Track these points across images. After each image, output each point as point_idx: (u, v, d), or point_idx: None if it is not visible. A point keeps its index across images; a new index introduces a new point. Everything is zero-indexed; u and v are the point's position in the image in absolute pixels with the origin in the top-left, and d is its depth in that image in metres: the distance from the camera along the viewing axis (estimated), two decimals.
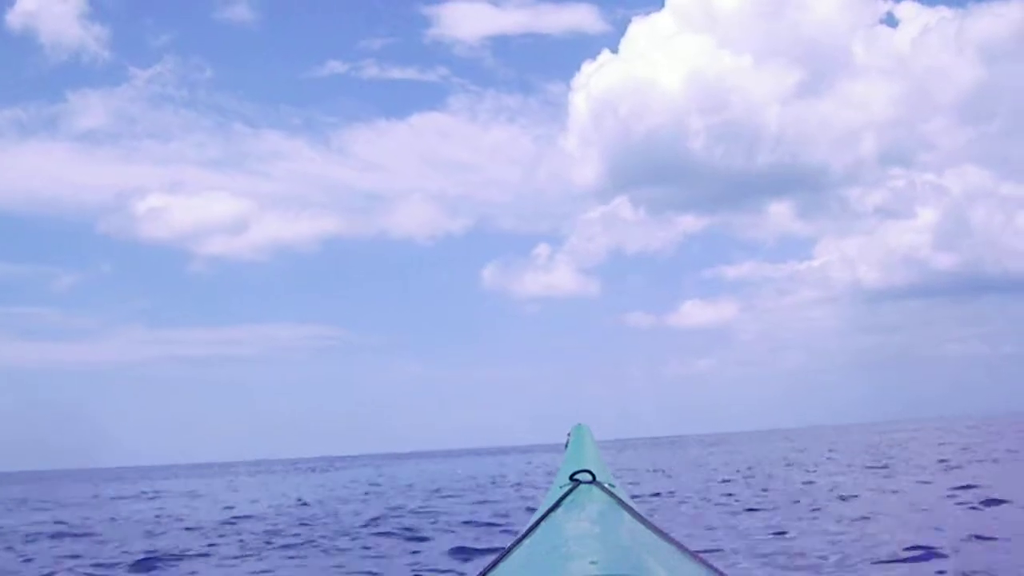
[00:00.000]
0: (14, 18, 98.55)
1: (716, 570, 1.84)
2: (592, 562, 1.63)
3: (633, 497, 2.68)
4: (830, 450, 24.59)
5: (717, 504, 9.59)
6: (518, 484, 16.66)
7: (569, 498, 2.44)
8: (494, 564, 1.94)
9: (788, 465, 17.74)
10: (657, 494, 11.39)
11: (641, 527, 2.10)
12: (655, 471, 18.66)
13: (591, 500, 2.42)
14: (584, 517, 2.27)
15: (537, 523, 2.23)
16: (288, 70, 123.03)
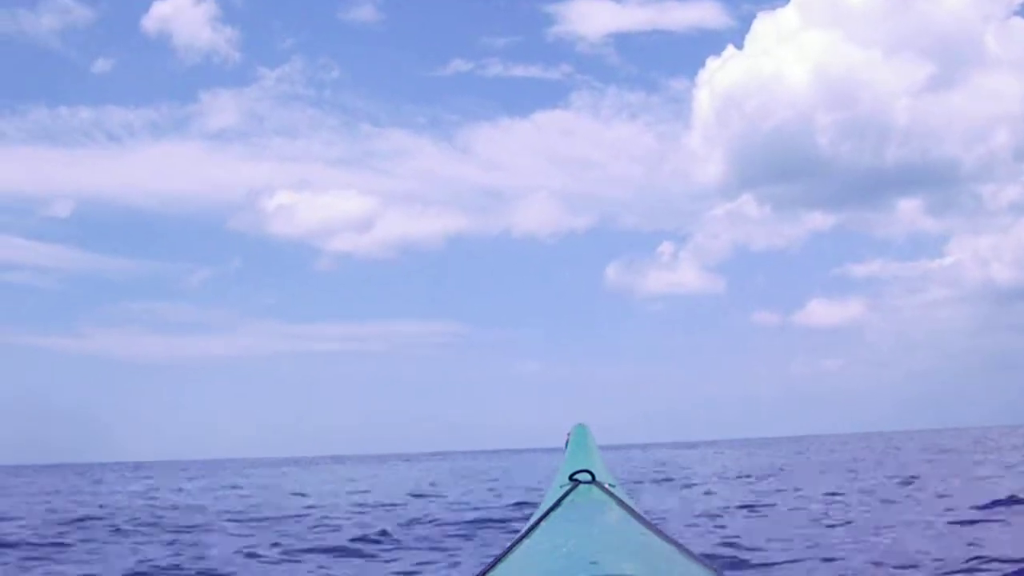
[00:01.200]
0: (149, 23, 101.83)
1: (715, 570, 1.84)
2: (592, 562, 1.63)
3: (632, 497, 2.68)
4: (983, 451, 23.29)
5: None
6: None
7: (569, 498, 2.44)
8: (494, 564, 1.94)
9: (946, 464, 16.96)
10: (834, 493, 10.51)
11: (641, 527, 2.10)
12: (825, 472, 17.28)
13: (591, 500, 2.42)
14: (584, 517, 2.27)
15: (537, 523, 2.23)
16: (413, 69, 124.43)
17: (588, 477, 2.56)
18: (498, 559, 1.97)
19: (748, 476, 15.68)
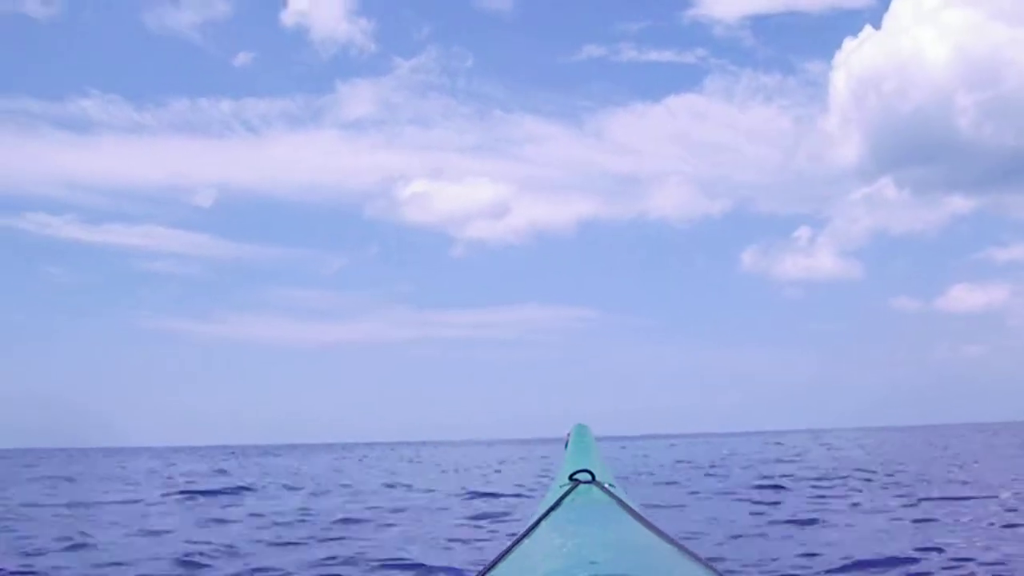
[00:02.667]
0: (288, 17, 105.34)
1: (715, 570, 1.84)
2: (591, 562, 1.63)
3: (632, 497, 2.68)
4: None
5: None
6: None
7: (569, 498, 2.43)
8: (493, 564, 1.94)
9: None
10: None
11: (641, 527, 2.10)
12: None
13: (591, 500, 2.41)
14: (584, 517, 2.27)
15: (537, 523, 2.23)
16: (545, 56, 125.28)
17: (588, 477, 2.56)
18: (498, 559, 1.97)
19: None
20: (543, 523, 2.22)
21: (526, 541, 2.09)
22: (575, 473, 2.59)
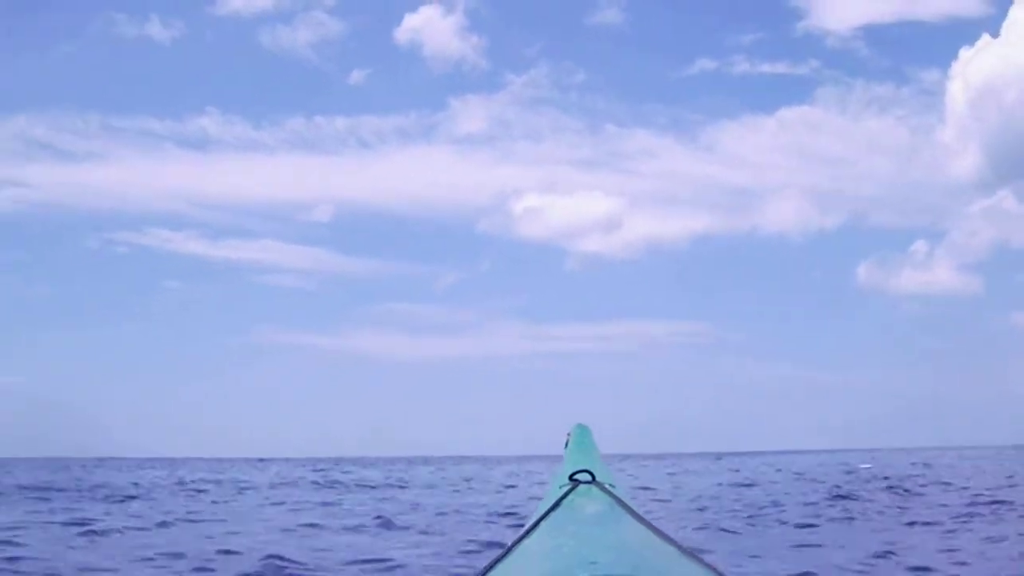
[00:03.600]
0: (401, 34, 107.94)
1: (715, 570, 1.84)
2: (592, 562, 1.63)
3: (633, 497, 2.68)
4: None
5: None
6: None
7: (569, 498, 2.43)
8: (493, 564, 1.94)
9: None
10: None
11: (641, 527, 2.10)
12: None
13: (591, 500, 2.41)
14: (584, 517, 2.27)
15: (537, 523, 2.23)
16: (657, 69, 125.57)
17: (588, 477, 2.55)
18: (498, 559, 1.96)
19: None
20: (543, 523, 2.22)
21: (526, 541, 2.09)
22: (575, 473, 2.58)
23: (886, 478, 17.09)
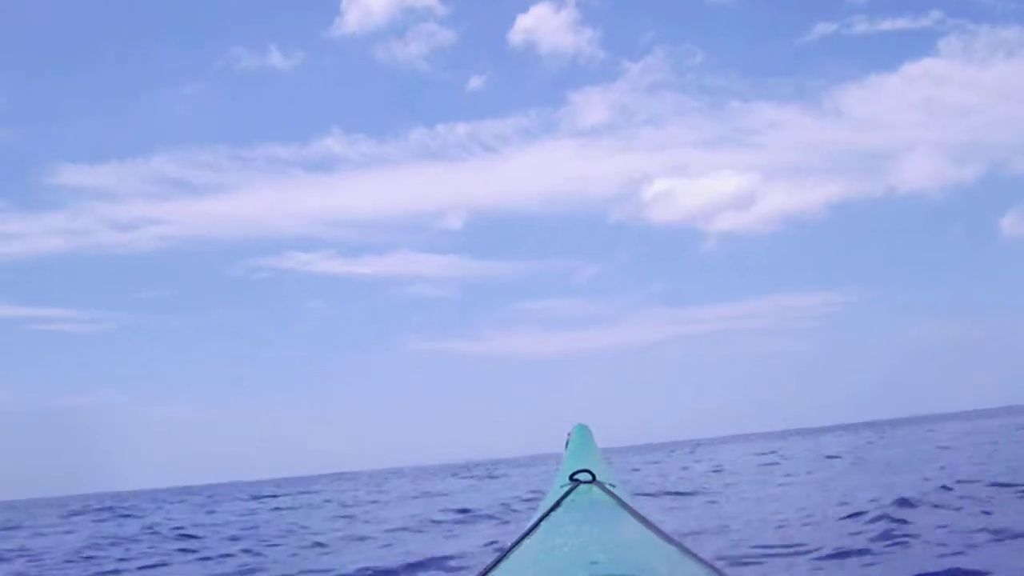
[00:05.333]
0: (514, 36, 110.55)
1: (717, 570, 1.84)
2: (592, 562, 1.62)
3: (633, 497, 2.68)
4: None
5: None
6: None
7: (569, 498, 2.43)
8: (494, 564, 1.94)
9: None
10: None
11: (641, 527, 2.10)
12: None
13: (591, 500, 2.41)
14: (584, 517, 2.26)
15: (537, 523, 2.23)
16: (775, 40, 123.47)
17: (588, 477, 2.55)
18: (498, 559, 1.96)
19: None
20: (543, 523, 2.22)
21: (526, 541, 2.08)
22: (575, 473, 2.58)
23: None
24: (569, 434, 3.11)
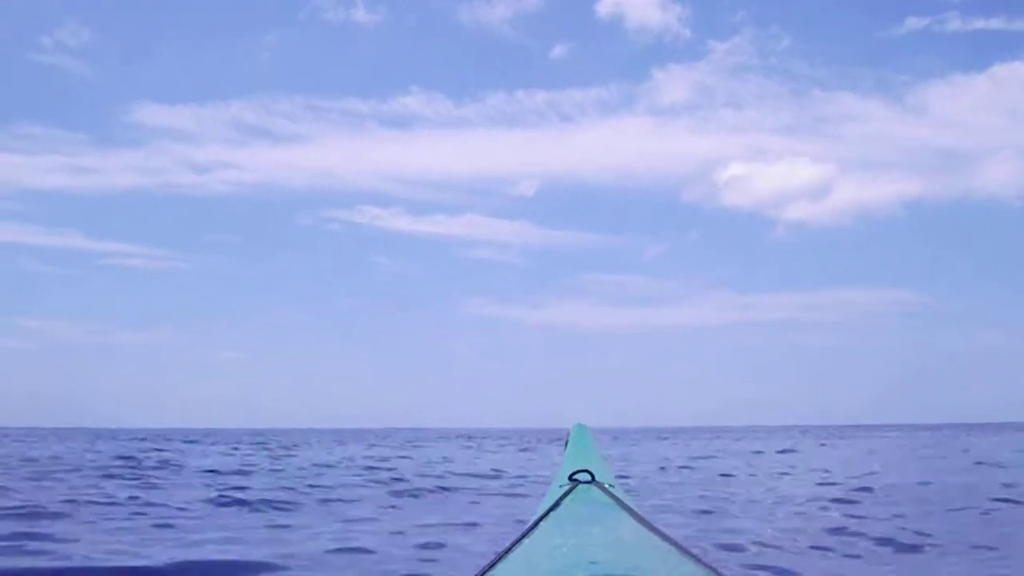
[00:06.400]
0: (602, 7, 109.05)
1: (715, 570, 1.84)
2: (591, 562, 1.62)
3: (633, 497, 2.68)
4: None
5: None
6: None
7: (568, 498, 2.43)
8: (492, 564, 1.93)
9: None
10: None
11: (640, 527, 2.10)
12: None
13: (590, 500, 2.41)
14: (583, 517, 2.26)
15: (536, 523, 2.23)
16: (863, 31, 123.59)
17: (588, 477, 2.55)
18: (497, 559, 1.96)
19: None
20: (543, 523, 2.22)
21: (526, 541, 2.08)
22: (575, 473, 2.58)
23: None
24: (568, 434, 3.11)
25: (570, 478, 2.57)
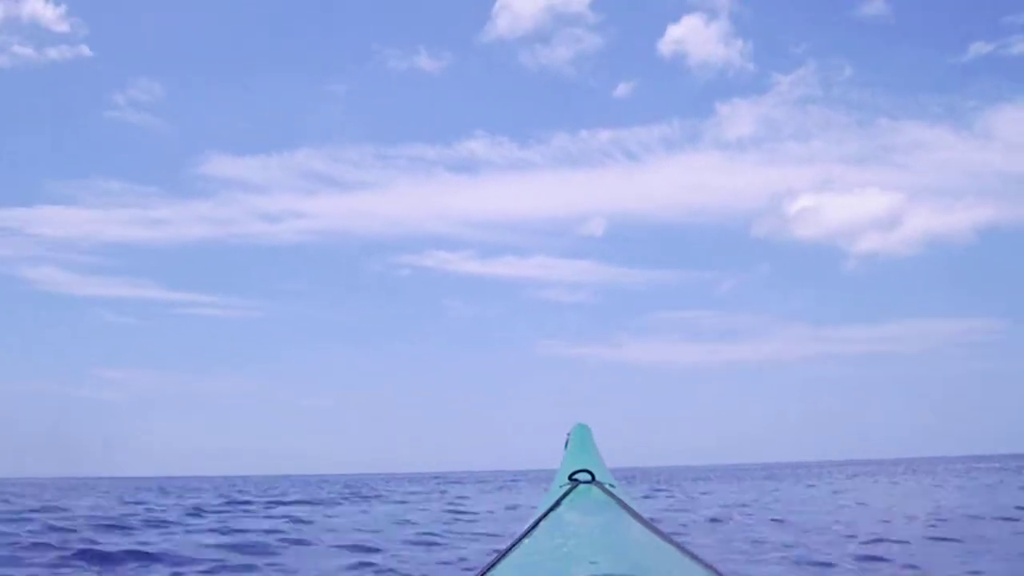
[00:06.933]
0: (664, 45, 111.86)
1: (716, 571, 1.83)
2: (591, 562, 1.62)
3: (633, 497, 2.67)
4: None
5: None
6: None
7: (568, 498, 2.43)
8: (492, 564, 1.93)
9: None
10: None
11: (641, 527, 2.10)
12: None
13: (590, 500, 2.41)
14: (583, 517, 2.26)
15: (536, 523, 2.22)
16: (928, 58, 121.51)
17: (588, 477, 2.55)
18: (497, 559, 1.96)
19: None
20: (543, 523, 2.21)
21: (526, 541, 2.08)
22: (575, 473, 2.58)
23: None
24: (569, 434, 3.11)
25: (570, 478, 2.57)
